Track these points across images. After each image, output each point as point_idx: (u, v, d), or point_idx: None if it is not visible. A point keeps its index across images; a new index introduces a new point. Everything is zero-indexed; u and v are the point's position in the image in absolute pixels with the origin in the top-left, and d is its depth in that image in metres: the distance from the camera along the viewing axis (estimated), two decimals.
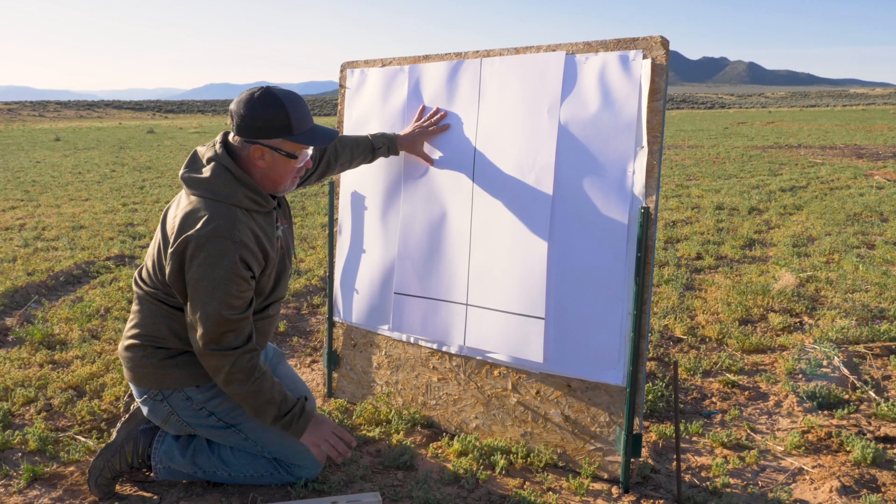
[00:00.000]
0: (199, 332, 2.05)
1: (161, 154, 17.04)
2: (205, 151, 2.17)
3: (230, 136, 2.16)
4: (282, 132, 2.07)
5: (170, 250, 2.04)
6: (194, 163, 2.17)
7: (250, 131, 2.07)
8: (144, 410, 2.27)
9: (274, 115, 2.05)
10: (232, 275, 2.01)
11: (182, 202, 2.12)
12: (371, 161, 2.66)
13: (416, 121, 2.65)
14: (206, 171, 2.10)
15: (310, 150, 2.18)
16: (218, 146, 2.14)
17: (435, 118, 2.61)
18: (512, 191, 2.43)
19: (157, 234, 2.18)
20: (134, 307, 2.25)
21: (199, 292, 2.02)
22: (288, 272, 2.36)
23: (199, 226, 2.01)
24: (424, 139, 2.62)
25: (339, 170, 2.60)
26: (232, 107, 2.10)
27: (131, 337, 2.21)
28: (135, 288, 2.25)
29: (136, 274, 2.27)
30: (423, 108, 2.65)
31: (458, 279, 2.57)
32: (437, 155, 2.61)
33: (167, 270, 2.07)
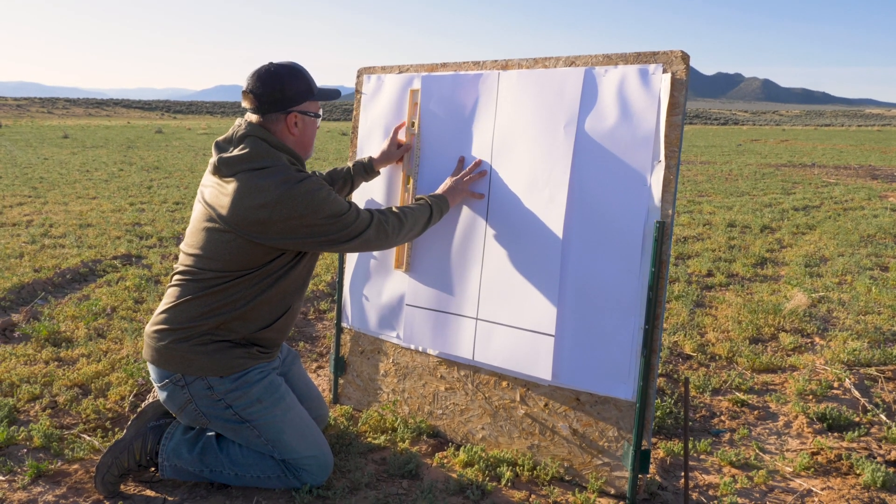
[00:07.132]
0: (346, 241, 2.18)
1: (169, 154, 17.12)
2: (230, 135, 2.22)
3: (252, 118, 2.22)
4: (307, 95, 2.25)
5: (251, 231, 2.09)
6: (223, 150, 2.21)
7: (284, 103, 2.20)
8: (162, 396, 2.25)
9: (298, 81, 2.22)
10: (318, 194, 2.11)
11: (227, 188, 2.12)
12: (352, 188, 2.73)
13: (391, 137, 2.72)
14: (243, 148, 2.16)
15: (321, 109, 2.38)
16: (245, 125, 2.20)
17: (399, 130, 2.72)
18: (526, 206, 2.41)
19: (207, 219, 2.17)
20: (172, 290, 2.22)
21: (314, 226, 2.11)
22: None
23: (266, 196, 2.07)
24: (395, 155, 2.70)
25: None
26: (254, 89, 2.18)
27: (163, 321, 2.19)
28: (178, 276, 2.23)
29: (178, 263, 2.28)
30: (399, 126, 2.72)
31: (469, 293, 2.54)
32: (449, 166, 2.60)
33: (264, 246, 2.13)
